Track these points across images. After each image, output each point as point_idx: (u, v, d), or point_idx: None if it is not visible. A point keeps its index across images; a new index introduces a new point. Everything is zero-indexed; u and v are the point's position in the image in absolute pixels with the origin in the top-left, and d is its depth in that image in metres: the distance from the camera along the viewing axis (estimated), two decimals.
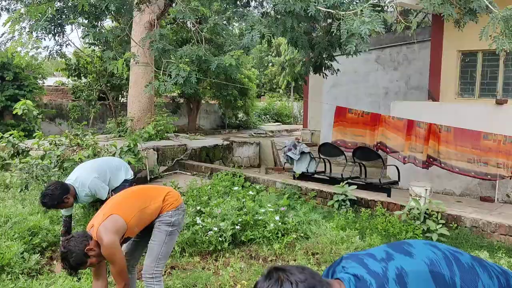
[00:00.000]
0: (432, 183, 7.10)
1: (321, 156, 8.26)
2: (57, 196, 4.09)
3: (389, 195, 6.80)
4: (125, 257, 3.36)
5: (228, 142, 10.71)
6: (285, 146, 8.32)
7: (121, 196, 3.31)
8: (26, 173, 6.02)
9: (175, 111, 18.73)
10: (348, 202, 6.37)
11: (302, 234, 5.47)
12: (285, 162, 8.65)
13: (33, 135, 7.99)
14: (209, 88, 19.18)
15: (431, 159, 7.53)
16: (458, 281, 1.35)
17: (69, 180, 4.41)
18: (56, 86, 18.03)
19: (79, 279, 4.08)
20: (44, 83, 16.08)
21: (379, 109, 11.77)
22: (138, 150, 7.78)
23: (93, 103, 14.24)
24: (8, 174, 6.42)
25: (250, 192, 6.66)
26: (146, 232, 3.29)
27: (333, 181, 7.52)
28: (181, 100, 19.69)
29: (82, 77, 14.56)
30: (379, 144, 8.27)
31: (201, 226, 5.18)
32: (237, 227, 5.24)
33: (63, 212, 4.55)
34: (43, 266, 4.48)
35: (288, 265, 1.44)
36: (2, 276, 3.95)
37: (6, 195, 5.81)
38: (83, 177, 4.42)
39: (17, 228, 4.73)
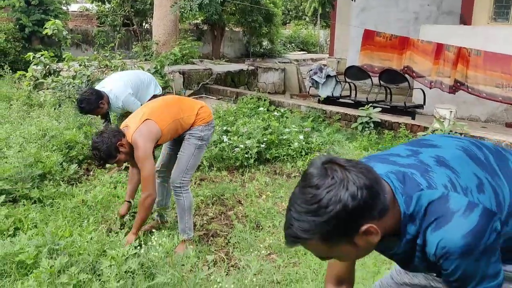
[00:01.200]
0: (458, 108, 7.05)
1: (347, 79, 8.21)
2: (94, 101, 4.26)
3: (413, 118, 6.82)
4: (161, 169, 3.57)
5: (253, 68, 10.69)
6: (311, 70, 8.28)
7: (157, 103, 3.36)
8: (59, 91, 6.24)
9: (199, 38, 18.53)
10: (371, 124, 6.43)
11: (325, 153, 5.61)
12: (310, 86, 8.65)
13: (61, 59, 8.16)
14: (233, 14, 18.79)
15: (458, 84, 7.43)
16: (492, 161, 1.29)
17: (103, 89, 4.51)
18: (81, 11, 17.96)
19: (115, 187, 4.37)
20: (68, 9, 16.03)
21: (408, 34, 11.42)
22: (165, 73, 7.90)
23: (117, 28, 14.22)
24: (42, 93, 6.66)
25: (275, 113, 6.77)
26: (178, 146, 3.41)
27: (357, 105, 7.54)
28: (205, 27, 19.41)
29: (106, 2, 14.44)
30: (406, 69, 8.16)
31: (227, 144, 5.36)
32: (262, 145, 5.40)
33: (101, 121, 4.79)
34: (81, 176, 4.78)
35: (342, 159, 1.16)
36: (44, 182, 4.25)
37: (41, 112, 6.07)
38: (118, 91, 4.50)
39: (55, 141, 4.99)
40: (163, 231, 3.38)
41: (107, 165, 3.97)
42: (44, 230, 3.25)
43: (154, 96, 4.93)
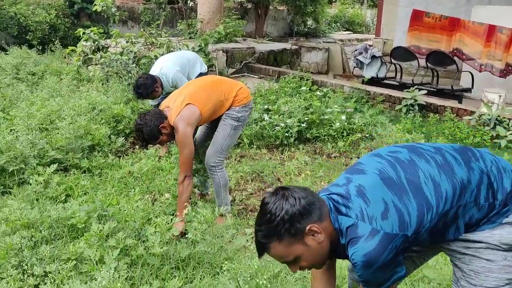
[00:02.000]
0: (508, 93, 6.78)
1: (393, 61, 8.03)
2: (150, 85, 4.40)
3: (460, 102, 6.63)
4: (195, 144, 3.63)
5: (297, 47, 10.61)
6: (356, 50, 8.15)
7: (198, 86, 3.39)
8: (107, 67, 6.44)
9: (243, 16, 18.46)
10: (416, 107, 6.31)
11: (367, 135, 5.56)
12: (354, 67, 8.52)
13: (109, 35, 8.38)
14: None
15: (510, 68, 7.11)
16: (403, 178, 1.56)
17: (153, 72, 4.65)
18: None
19: (160, 158, 4.53)
20: None
21: (459, 16, 10.97)
22: (209, 51, 7.99)
23: (163, 6, 14.38)
24: (91, 68, 6.91)
25: (317, 93, 6.74)
26: (214, 124, 3.46)
27: (403, 87, 7.38)
28: (249, 6, 19.31)
29: None
30: (455, 51, 7.88)
31: (268, 122, 5.41)
32: (303, 124, 5.42)
33: (151, 102, 4.93)
34: (127, 149, 4.97)
35: (291, 185, 1.60)
36: (93, 153, 4.45)
37: (90, 87, 6.30)
38: (167, 68, 4.62)
39: (103, 115, 5.19)
40: (204, 203, 3.50)
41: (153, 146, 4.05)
42: (94, 198, 3.43)
43: (200, 74, 5.03)
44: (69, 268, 2.33)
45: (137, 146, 5.05)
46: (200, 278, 2.67)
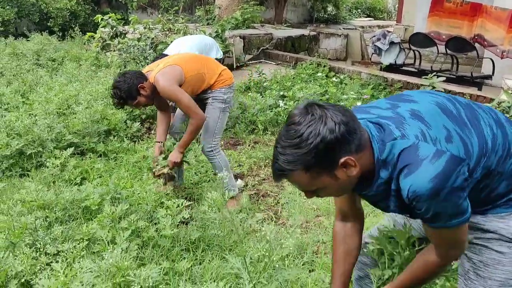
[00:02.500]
0: None
1: (411, 47, 7.90)
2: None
3: (480, 89, 6.50)
4: (181, 133, 3.58)
5: (315, 33, 10.50)
6: (374, 36, 8.04)
7: (183, 56, 3.43)
8: (125, 53, 6.51)
9: (261, 3, 18.30)
10: None
11: None
12: (372, 53, 8.41)
13: (128, 22, 8.45)
14: None
15: None
16: (464, 114, 1.39)
17: (170, 53, 4.61)
18: None
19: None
20: None
21: (481, 1, 10.71)
22: (226, 37, 7.98)
23: None
24: (109, 54, 6.99)
25: (334, 79, 6.70)
26: (200, 107, 3.40)
27: (421, 73, 7.24)
28: None
29: None
30: (476, 37, 7.71)
31: (283, 108, 5.41)
32: None
33: None
34: (143, 134, 5.04)
35: (326, 103, 1.28)
36: (109, 138, 4.53)
37: (108, 72, 6.38)
38: (183, 51, 4.63)
39: None
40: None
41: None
42: (108, 181, 3.50)
43: (216, 60, 5.02)
44: (81, 247, 2.39)
45: (152, 131, 5.11)
46: (209, 260, 2.72)
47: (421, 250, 1.56)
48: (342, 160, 1.24)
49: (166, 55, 4.48)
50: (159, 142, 3.48)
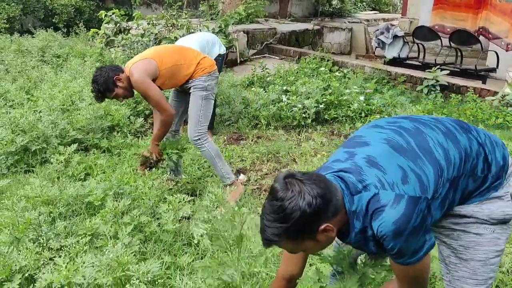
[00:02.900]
0: None
1: (415, 40, 7.86)
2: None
3: (484, 83, 6.46)
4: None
5: (319, 27, 10.48)
6: (377, 30, 8.00)
7: (161, 48, 3.47)
8: (128, 48, 6.54)
9: None
10: (438, 88, 6.19)
11: (386, 115, 5.51)
12: (376, 47, 8.37)
13: (132, 17, 8.46)
14: None
15: None
16: (413, 144, 1.51)
17: None
18: None
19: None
20: None
21: None
22: (229, 32, 7.98)
23: None
24: (113, 50, 7.02)
25: (337, 74, 6.69)
26: (183, 96, 3.50)
27: (425, 67, 7.21)
28: None
29: None
30: (481, 30, 7.67)
31: (286, 103, 5.42)
32: (321, 105, 5.40)
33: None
34: (146, 129, 5.07)
35: (301, 172, 1.43)
36: (113, 134, 4.57)
37: None
38: None
39: None
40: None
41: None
42: (111, 176, 3.54)
43: (219, 56, 5.04)
44: (84, 242, 2.43)
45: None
46: (211, 254, 2.75)
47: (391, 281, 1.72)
48: (321, 227, 1.39)
49: None
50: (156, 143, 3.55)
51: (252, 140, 4.86)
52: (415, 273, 1.54)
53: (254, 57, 8.86)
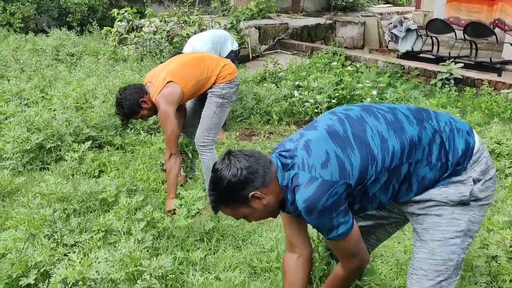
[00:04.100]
0: None
1: (429, 33, 7.76)
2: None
3: (499, 75, 6.36)
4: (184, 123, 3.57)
5: (331, 22, 10.41)
6: (390, 23, 7.92)
7: (181, 62, 3.30)
8: (141, 46, 6.58)
9: None
10: (452, 81, 6.12)
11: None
12: (389, 41, 8.29)
13: (144, 15, 8.52)
14: None
15: None
16: (350, 132, 1.62)
17: (186, 51, 4.68)
18: None
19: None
20: None
21: None
22: (241, 28, 7.98)
23: None
24: (126, 48, 7.08)
25: (349, 68, 6.65)
26: (202, 102, 3.39)
27: (439, 60, 7.13)
28: None
29: None
30: (496, 22, 7.55)
31: (298, 98, 5.40)
32: (333, 100, 5.38)
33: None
34: (159, 126, 5.09)
35: (242, 150, 1.69)
36: (126, 131, 4.60)
37: (125, 66, 6.47)
38: (198, 47, 4.65)
39: None
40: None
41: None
42: (124, 173, 3.58)
43: (231, 52, 5.06)
44: (97, 238, 2.47)
45: None
46: (223, 250, 2.76)
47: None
48: (250, 195, 1.60)
49: (182, 53, 4.51)
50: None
51: (264, 136, 4.86)
52: (343, 247, 1.67)
53: (266, 52, 8.84)
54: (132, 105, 3.09)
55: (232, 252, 2.73)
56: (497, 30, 7.34)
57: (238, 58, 7.62)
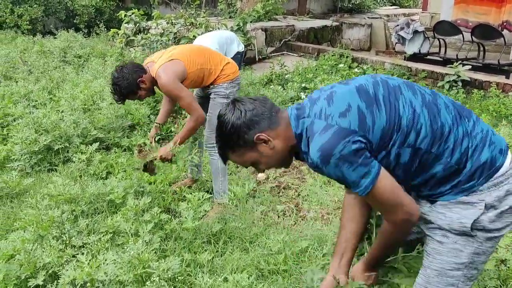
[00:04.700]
0: None
1: (436, 35, 7.74)
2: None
3: (507, 77, 6.33)
4: None
5: (338, 23, 10.40)
6: (397, 25, 7.90)
7: (187, 48, 3.24)
8: (148, 48, 6.60)
9: None
10: (460, 83, 6.09)
11: None
12: (396, 43, 8.27)
13: (151, 17, 8.55)
14: None
15: None
16: (381, 95, 1.49)
17: None
18: None
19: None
20: None
21: None
22: (247, 30, 7.99)
23: None
24: (133, 50, 7.10)
25: (356, 70, 6.64)
26: (203, 101, 3.34)
27: (446, 62, 7.11)
28: None
29: None
30: (505, 23, 7.52)
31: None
32: None
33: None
34: (167, 128, 5.11)
35: (249, 97, 1.63)
36: (133, 132, 4.63)
37: None
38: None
39: None
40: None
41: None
42: (132, 175, 3.58)
43: (238, 53, 5.05)
44: (105, 240, 2.47)
45: (176, 125, 5.17)
46: (231, 252, 2.76)
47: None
48: (255, 137, 1.53)
49: None
50: (157, 123, 3.44)
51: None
52: (376, 200, 1.48)
53: (273, 54, 8.85)
54: (130, 85, 2.95)
55: (239, 254, 2.73)
56: (505, 32, 7.31)
57: (245, 60, 7.62)
